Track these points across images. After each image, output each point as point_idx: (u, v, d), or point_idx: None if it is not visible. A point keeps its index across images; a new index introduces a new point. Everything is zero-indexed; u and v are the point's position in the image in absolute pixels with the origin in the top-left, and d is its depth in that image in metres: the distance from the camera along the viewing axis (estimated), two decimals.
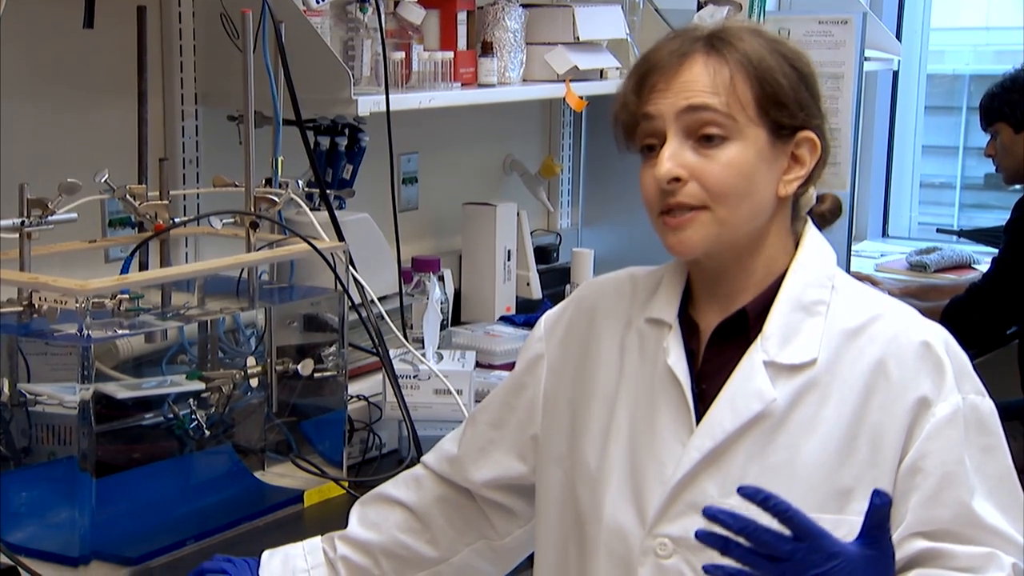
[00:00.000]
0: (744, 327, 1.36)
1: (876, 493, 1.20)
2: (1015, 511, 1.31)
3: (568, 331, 1.49)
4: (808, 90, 1.36)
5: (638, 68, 1.35)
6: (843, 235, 3.05)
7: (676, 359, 1.37)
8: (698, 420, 1.35)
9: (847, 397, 1.31)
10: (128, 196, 1.87)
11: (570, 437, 1.45)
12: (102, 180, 1.83)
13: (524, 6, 2.71)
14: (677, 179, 1.30)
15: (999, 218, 3.14)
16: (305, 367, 1.97)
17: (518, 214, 2.92)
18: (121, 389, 1.83)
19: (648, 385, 1.39)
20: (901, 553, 1.27)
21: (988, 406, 1.34)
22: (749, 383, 1.33)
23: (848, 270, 3.05)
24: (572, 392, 1.47)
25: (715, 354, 1.37)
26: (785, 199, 1.36)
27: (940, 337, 1.34)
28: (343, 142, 2.39)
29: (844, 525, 1.26)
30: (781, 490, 1.24)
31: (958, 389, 1.31)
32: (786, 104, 1.32)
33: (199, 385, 1.88)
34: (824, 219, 1.45)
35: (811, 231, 1.41)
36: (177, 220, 1.93)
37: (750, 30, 1.36)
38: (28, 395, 1.74)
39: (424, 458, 1.61)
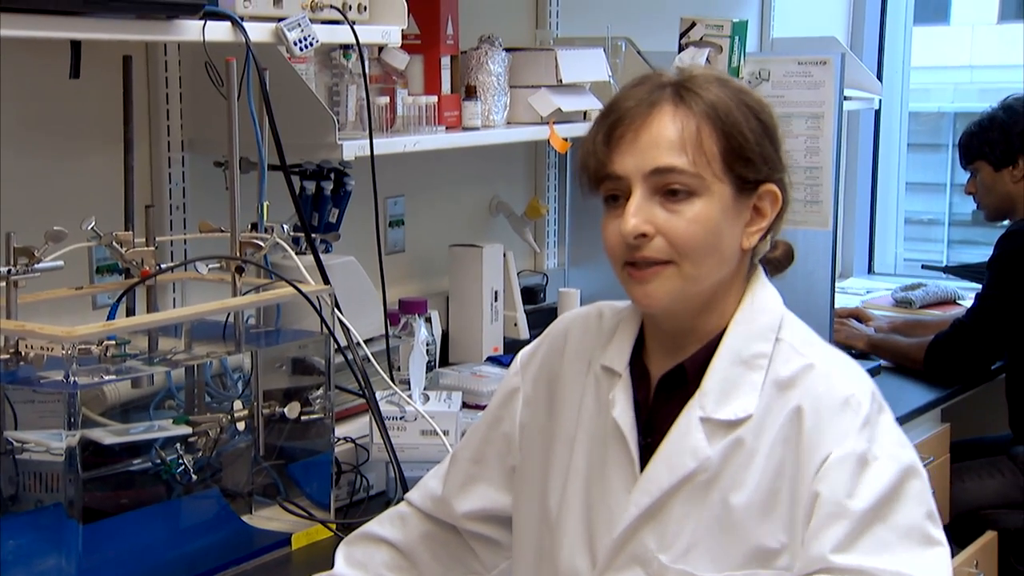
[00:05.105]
0: (686, 379, 1.38)
1: None
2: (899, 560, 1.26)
3: (541, 366, 1.52)
4: (772, 143, 1.36)
5: (607, 116, 1.36)
6: (827, 272, 3.06)
7: (621, 412, 1.39)
8: (643, 471, 1.37)
9: (772, 451, 1.32)
10: (115, 243, 1.88)
11: (543, 469, 1.48)
12: (89, 227, 1.85)
13: (507, 50, 2.74)
14: (644, 234, 1.31)
15: (987, 254, 3.17)
16: (292, 410, 1.98)
17: (504, 255, 2.93)
18: (108, 435, 1.83)
19: (600, 433, 1.42)
20: None
21: (903, 462, 1.29)
22: (685, 440, 1.34)
23: (832, 307, 3.07)
24: (544, 425, 1.49)
25: (661, 404, 1.39)
26: (747, 251, 1.38)
27: (864, 393, 1.32)
28: (329, 186, 2.41)
29: None
30: (713, 544, 1.30)
31: (859, 436, 1.28)
32: (751, 159, 1.33)
33: (186, 430, 1.89)
34: (776, 266, 1.46)
35: (758, 281, 1.41)
36: (163, 266, 1.95)
37: (716, 79, 1.37)
38: (15, 443, 1.74)
39: (408, 495, 1.63)
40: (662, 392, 1.40)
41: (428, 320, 2.45)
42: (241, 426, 1.94)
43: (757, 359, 1.35)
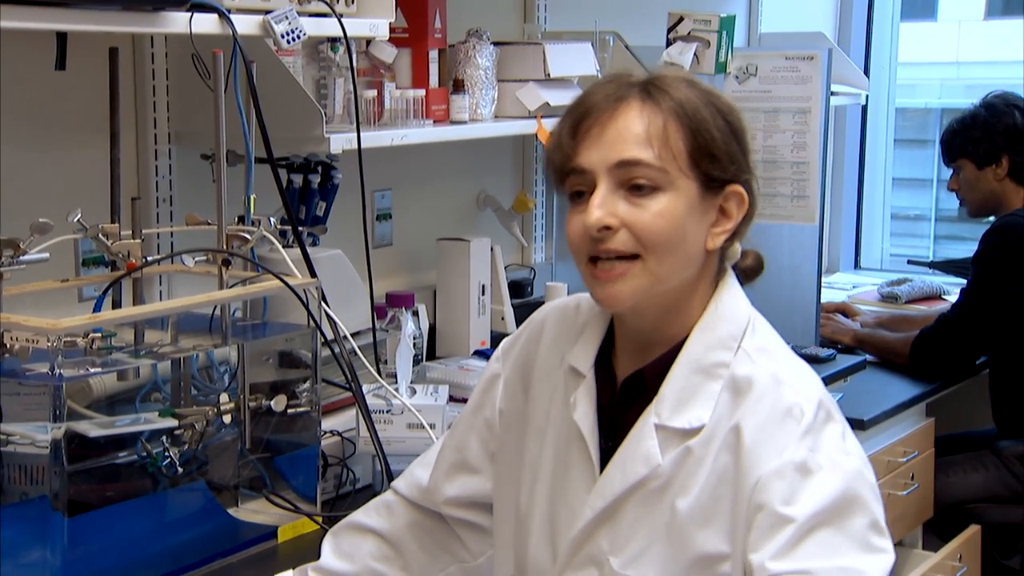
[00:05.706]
0: (646, 385, 1.37)
1: None
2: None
3: (520, 354, 1.53)
4: (739, 144, 1.36)
5: (574, 110, 1.35)
6: (813, 266, 3.07)
7: (582, 415, 1.39)
8: (602, 473, 1.37)
9: (717, 458, 1.31)
10: (101, 235, 1.88)
11: (517, 458, 1.49)
12: (75, 219, 1.84)
13: (495, 44, 2.74)
14: (608, 227, 1.30)
15: (973, 249, 3.18)
16: (278, 403, 1.98)
17: (492, 249, 2.94)
18: (94, 427, 1.83)
19: (566, 432, 1.42)
20: None
21: (846, 470, 1.26)
22: (639, 446, 1.34)
23: (818, 301, 3.09)
24: (520, 414, 1.50)
25: (623, 409, 1.39)
26: (712, 253, 1.37)
27: (809, 403, 1.30)
28: (316, 179, 2.40)
29: None
30: (662, 552, 1.30)
31: (798, 445, 1.26)
32: (718, 157, 1.33)
33: (172, 422, 1.89)
34: (746, 275, 1.45)
35: (725, 287, 1.39)
36: (150, 258, 1.95)
37: (685, 80, 1.36)
38: (0, 435, 1.74)
39: (394, 484, 1.63)
40: (625, 396, 1.39)
41: (415, 314, 2.45)
42: (227, 419, 1.94)
43: (717, 368, 1.34)
